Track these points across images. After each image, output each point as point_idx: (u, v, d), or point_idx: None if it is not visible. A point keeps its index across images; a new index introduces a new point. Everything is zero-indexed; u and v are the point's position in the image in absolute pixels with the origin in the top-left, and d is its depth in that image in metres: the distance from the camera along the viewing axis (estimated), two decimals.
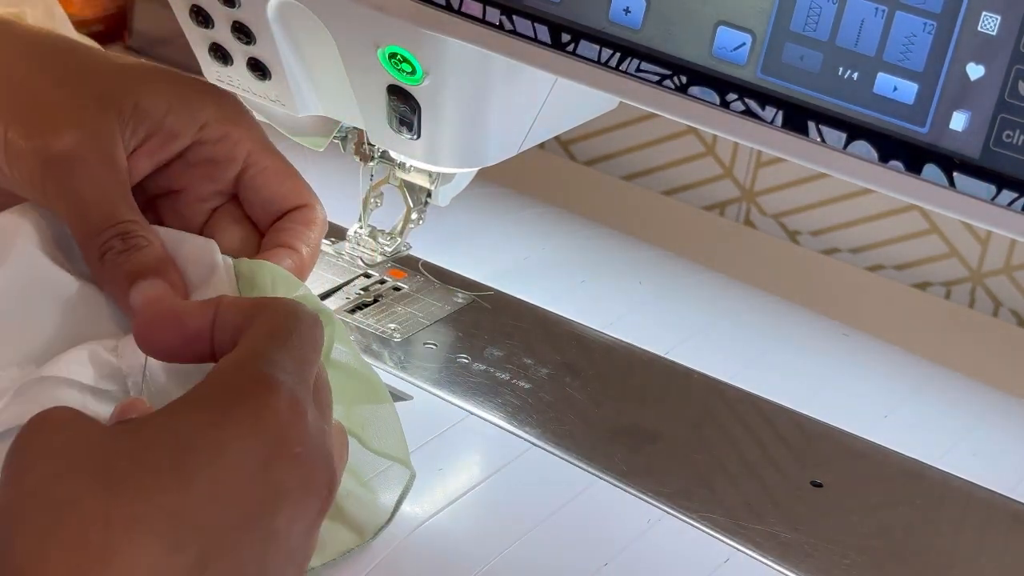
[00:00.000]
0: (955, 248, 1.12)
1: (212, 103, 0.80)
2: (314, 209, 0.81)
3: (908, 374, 0.95)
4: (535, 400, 0.86)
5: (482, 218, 1.05)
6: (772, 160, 1.16)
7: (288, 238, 0.79)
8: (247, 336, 0.65)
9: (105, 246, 0.74)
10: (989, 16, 0.64)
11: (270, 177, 0.81)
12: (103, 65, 0.80)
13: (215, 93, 0.81)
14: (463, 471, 0.82)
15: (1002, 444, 0.90)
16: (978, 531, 0.84)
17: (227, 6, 0.87)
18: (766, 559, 0.78)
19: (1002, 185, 0.65)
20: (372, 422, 0.75)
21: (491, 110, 0.86)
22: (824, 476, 0.84)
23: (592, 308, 0.96)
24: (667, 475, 0.82)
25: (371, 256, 0.97)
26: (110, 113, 0.77)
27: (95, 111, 0.77)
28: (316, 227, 0.81)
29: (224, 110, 0.80)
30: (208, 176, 0.80)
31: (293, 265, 0.78)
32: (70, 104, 0.77)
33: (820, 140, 0.69)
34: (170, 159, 0.80)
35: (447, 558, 0.75)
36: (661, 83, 0.72)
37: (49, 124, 0.76)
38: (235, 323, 0.66)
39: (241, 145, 0.80)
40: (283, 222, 0.80)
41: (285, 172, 0.81)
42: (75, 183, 0.75)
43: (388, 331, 0.91)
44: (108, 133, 0.77)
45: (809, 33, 0.68)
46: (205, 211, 0.81)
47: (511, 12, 0.75)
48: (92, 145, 0.76)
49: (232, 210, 0.81)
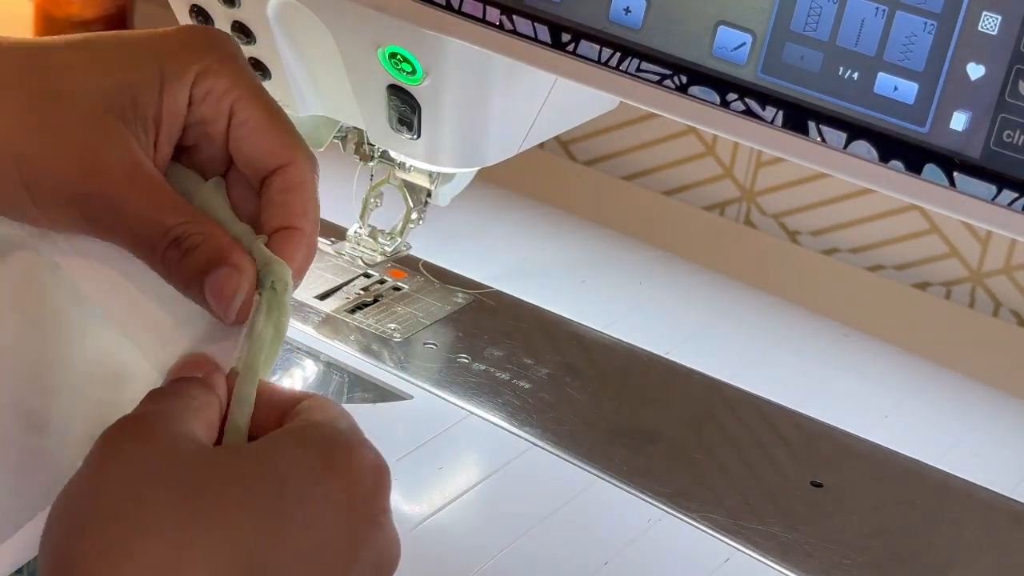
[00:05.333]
0: (955, 248, 1.12)
1: (198, 58, 0.76)
2: (299, 166, 0.76)
3: (908, 374, 0.95)
4: (535, 400, 0.86)
5: (482, 218, 1.05)
6: (772, 160, 1.16)
7: (284, 216, 0.75)
8: (325, 408, 0.68)
9: (166, 259, 0.74)
10: (989, 16, 0.64)
11: (250, 131, 0.76)
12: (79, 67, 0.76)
13: (197, 48, 0.76)
14: (463, 471, 0.82)
15: (1002, 444, 0.90)
16: (978, 531, 0.84)
17: (227, 6, 0.87)
18: (766, 559, 0.78)
19: (1002, 185, 0.65)
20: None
21: (491, 110, 0.86)
22: (824, 476, 0.84)
23: (592, 308, 0.96)
24: (667, 475, 0.82)
25: (371, 256, 0.97)
26: (117, 126, 0.75)
27: (102, 132, 0.75)
28: (307, 188, 0.76)
29: (206, 62, 0.76)
30: (207, 136, 0.77)
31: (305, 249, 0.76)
32: (73, 137, 0.75)
33: (820, 140, 0.69)
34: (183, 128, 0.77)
35: (446, 557, 0.75)
36: (661, 83, 0.72)
37: (65, 168, 0.74)
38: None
39: (225, 99, 0.76)
40: (272, 192, 0.76)
41: (267, 124, 0.76)
42: (117, 219, 0.74)
43: (388, 331, 0.91)
44: (124, 149, 0.75)
45: (809, 33, 0.68)
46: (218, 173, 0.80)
47: (511, 12, 0.75)
48: (116, 175, 0.74)
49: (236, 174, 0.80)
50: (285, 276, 0.74)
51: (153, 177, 0.75)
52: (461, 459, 0.83)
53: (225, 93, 0.76)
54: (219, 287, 0.73)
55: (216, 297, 0.73)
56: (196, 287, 0.73)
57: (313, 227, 0.76)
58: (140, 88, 0.75)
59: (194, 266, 0.74)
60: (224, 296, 0.73)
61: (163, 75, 0.76)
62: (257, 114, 0.76)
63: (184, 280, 0.74)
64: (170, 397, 0.70)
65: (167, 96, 0.76)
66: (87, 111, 0.75)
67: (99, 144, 0.75)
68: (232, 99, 0.76)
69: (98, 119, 0.75)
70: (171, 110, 0.76)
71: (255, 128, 0.76)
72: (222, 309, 0.73)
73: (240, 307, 0.73)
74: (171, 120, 0.76)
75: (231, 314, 0.73)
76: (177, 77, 0.76)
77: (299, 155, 0.76)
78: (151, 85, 0.76)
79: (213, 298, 0.73)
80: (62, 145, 0.75)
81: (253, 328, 0.74)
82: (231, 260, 0.74)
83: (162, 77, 0.76)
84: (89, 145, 0.74)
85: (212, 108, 0.76)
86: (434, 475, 0.80)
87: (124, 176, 0.74)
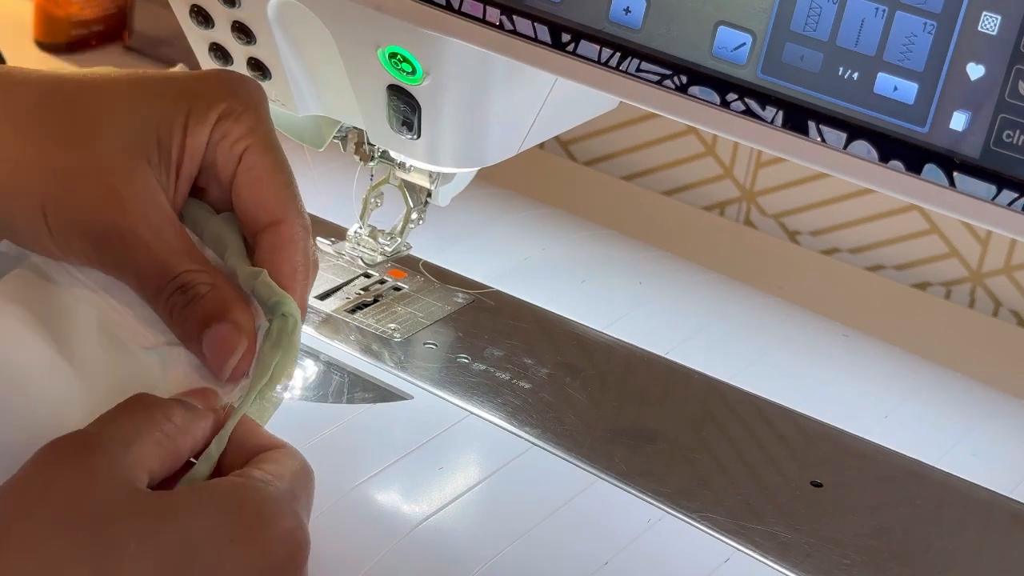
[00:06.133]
0: (955, 248, 1.12)
1: (222, 101, 0.77)
2: (290, 225, 0.76)
3: (908, 374, 0.95)
4: (535, 400, 0.86)
5: (482, 218, 1.05)
6: (772, 160, 1.16)
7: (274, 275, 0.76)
8: (279, 462, 0.70)
9: (169, 304, 0.75)
10: (989, 16, 0.64)
11: (252, 180, 0.77)
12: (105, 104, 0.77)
13: (222, 91, 0.77)
14: (463, 471, 0.82)
15: (1002, 444, 0.90)
16: (978, 531, 0.84)
17: (227, 6, 0.87)
18: (766, 559, 0.78)
19: (1002, 185, 0.65)
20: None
21: (491, 110, 0.86)
22: (824, 476, 0.84)
23: (592, 308, 0.96)
24: (667, 475, 0.82)
25: (371, 256, 0.97)
26: (140, 165, 0.75)
27: (125, 169, 0.75)
28: (296, 248, 0.76)
29: (231, 105, 0.77)
30: (216, 179, 0.78)
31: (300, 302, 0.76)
32: (95, 169, 0.75)
33: (820, 140, 0.69)
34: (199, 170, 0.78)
35: (446, 557, 0.75)
36: (661, 83, 0.72)
37: (84, 202, 0.74)
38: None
39: (239, 144, 0.77)
40: (263, 250, 0.76)
41: (269, 177, 0.77)
42: (129, 255, 0.74)
43: (388, 331, 0.91)
44: (145, 190, 0.75)
45: (809, 33, 0.68)
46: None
47: (511, 12, 0.75)
48: (134, 213, 0.74)
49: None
50: (295, 312, 0.75)
51: (170, 219, 0.76)
52: (461, 459, 0.83)
53: (240, 139, 0.77)
54: (218, 344, 0.74)
55: (215, 352, 0.74)
56: (195, 338, 0.74)
57: (303, 287, 0.76)
58: (165, 128, 0.76)
59: (196, 316, 0.74)
60: (222, 353, 0.74)
61: (188, 116, 0.76)
62: (263, 165, 0.77)
63: (184, 329, 0.75)
64: (133, 419, 0.70)
65: (190, 136, 0.76)
66: (111, 148, 0.75)
67: (120, 181, 0.75)
68: (245, 145, 0.77)
69: (121, 156, 0.75)
70: (192, 150, 0.77)
71: (257, 178, 0.77)
72: (217, 366, 0.74)
73: (236, 366, 0.74)
74: (191, 160, 0.77)
75: (226, 372, 0.74)
76: (200, 118, 0.76)
77: (291, 214, 0.76)
78: (176, 125, 0.76)
79: (211, 351, 0.74)
80: (84, 179, 0.75)
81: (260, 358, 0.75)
82: (232, 316, 0.74)
83: (187, 118, 0.76)
84: (111, 182, 0.75)
85: (225, 152, 0.77)
86: (434, 475, 0.80)
87: (141, 215, 0.75)
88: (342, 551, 0.74)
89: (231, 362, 0.74)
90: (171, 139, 0.76)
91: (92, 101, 0.77)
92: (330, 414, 0.82)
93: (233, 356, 0.74)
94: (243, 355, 0.74)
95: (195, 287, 0.75)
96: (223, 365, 0.74)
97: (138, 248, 0.74)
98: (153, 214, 0.75)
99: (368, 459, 0.80)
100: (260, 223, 0.76)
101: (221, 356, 0.74)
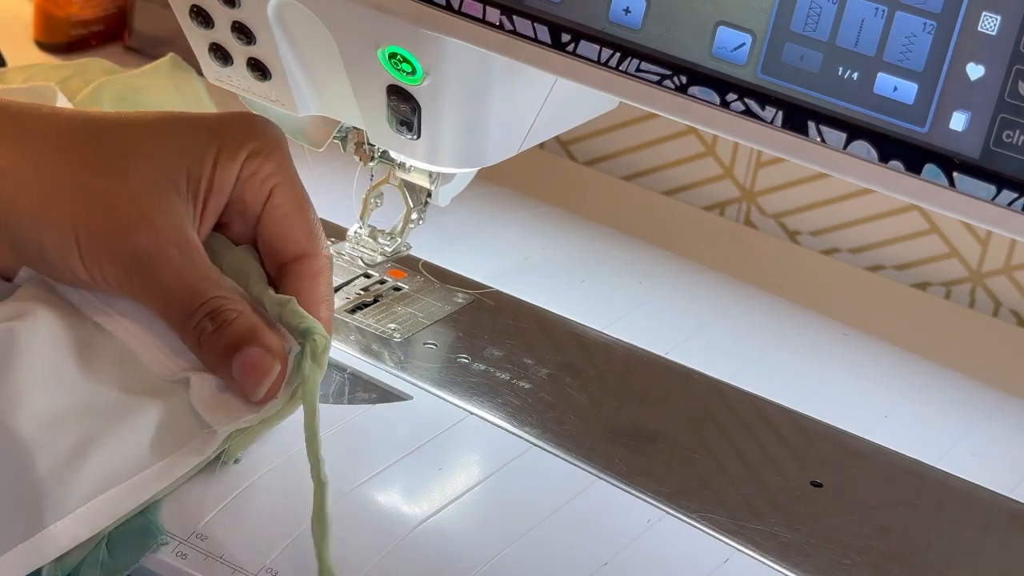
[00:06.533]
0: (955, 248, 1.12)
1: (251, 140, 0.80)
2: (318, 258, 0.81)
3: (908, 374, 0.95)
4: (535, 400, 0.86)
5: (482, 218, 1.05)
6: (772, 160, 1.16)
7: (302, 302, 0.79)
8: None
9: (198, 329, 0.77)
10: (989, 16, 0.64)
11: (282, 216, 0.81)
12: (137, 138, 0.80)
13: (250, 130, 0.81)
14: (463, 471, 0.82)
15: (1002, 444, 0.90)
16: (978, 531, 0.84)
17: (227, 6, 0.87)
18: (766, 559, 0.78)
19: (1002, 185, 0.65)
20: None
21: (491, 110, 0.86)
22: (824, 476, 0.84)
23: (592, 308, 0.96)
24: (667, 475, 0.82)
25: (371, 256, 0.97)
26: (170, 194, 0.78)
27: (156, 197, 0.78)
28: (320, 278, 0.81)
29: (260, 144, 0.81)
30: (240, 214, 0.81)
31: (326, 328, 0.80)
32: (128, 195, 0.78)
33: (820, 140, 0.69)
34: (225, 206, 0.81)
35: (447, 558, 0.75)
36: (661, 83, 0.72)
37: (116, 225, 0.77)
38: None
39: (267, 182, 0.81)
40: (291, 279, 0.80)
41: (298, 213, 0.81)
42: (158, 279, 0.78)
43: (388, 331, 0.91)
44: (174, 218, 0.78)
45: (809, 33, 0.68)
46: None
47: (511, 12, 0.75)
48: (165, 238, 0.77)
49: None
50: (326, 335, 0.78)
51: (198, 248, 0.79)
52: (461, 459, 0.83)
53: (269, 176, 0.81)
54: (251, 366, 0.77)
55: (246, 375, 0.76)
56: (225, 362, 0.77)
57: (328, 315, 0.80)
58: (195, 162, 0.79)
59: (226, 341, 0.77)
60: (255, 375, 0.76)
61: (219, 151, 0.80)
62: (292, 201, 0.81)
63: (214, 354, 0.77)
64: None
65: (219, 171, 0.80)
66: (142, 177, 0.78)
67: (151, 209, 0.78)
68: (274, 183, 0.81)
69: (152, 186, 0.78)
70: (220, 185, 0.80)
71: (286, 214, 0.81)
72: (251, 387, 0.77)
73: (269, 388, 0.76)
74: (219, 194, 0.80)
75: (259, 393, 0.77)
76: (231, 155, 0.80)
77: (320, 248, 0.81)
78: (206, 160, 0.79)
79: (243, 375, 0.76)
80: (116, 205, 0.78)
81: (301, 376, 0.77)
82: (263, 340, 0.77)
83: (217, 153, 0.80)
84: (142, 209, 0.78)
85: (254, 188, 0.81)
86: (434, 475, 0.80)
87: (172, 241, 0.78)
88: (342, 552, 0.74)
89: (265, 384, 0.76)
90: (201, 173, 0.79)
91: (122, 134, 0.80)
92: (330, 414, 0.82)
93: (267, 378, 0.76)
94: (276, 378, 0.76)
95: (224, 312, 0.77)
96: (256, 387, 0.76)
97: (168, 273, 0.77)
98: (182, 241, 0.78)
99: (368, 460, 0.80)
100: (288, 255, 0.81)
101: (253, 378, 0.76)
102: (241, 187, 0.80)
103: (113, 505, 0.73)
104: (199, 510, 0.75)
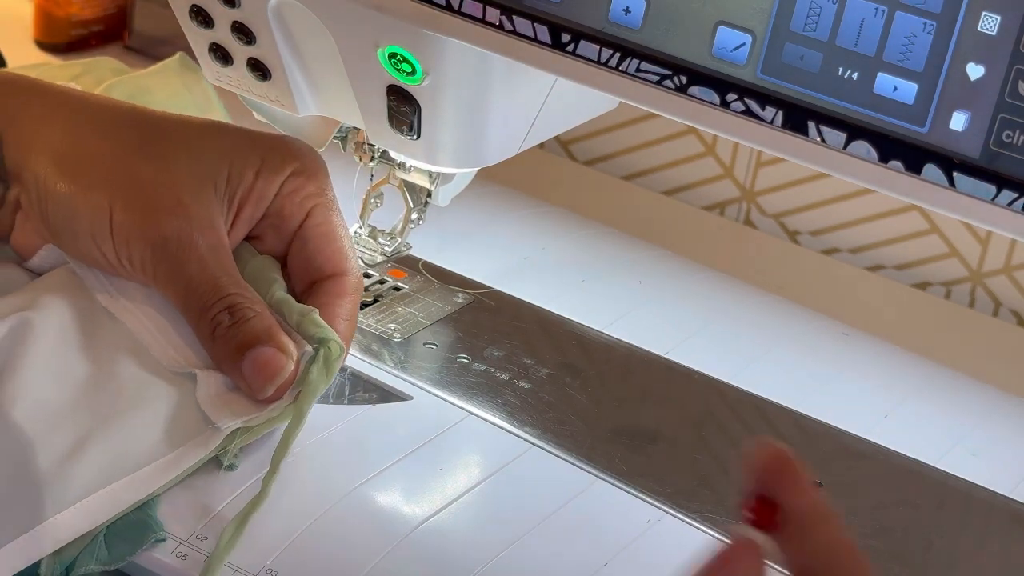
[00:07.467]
0: (955, 248, 1.12)
1: (295, 159, 0.82)
2: (347, 279, 0.82)
3: (908, 374, 0.95)
4: (535, 400, 0.86)
5: (482, 218, 1.05)
6: (772, 160, 1.16)
7: (330, 317, 0.81)
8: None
9: (214, 322, 0.78)
10: (989, 16, 0.64)
11: (321, 235, 0.82)
12: (184, 133, 0.82)
13: (295, 150, 0.83)
14: (463, 471, 0.82)
15: (1002, 444, 0.90)
16: (978, 531, 0.84)
17: (227, 6, 0.87)
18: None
19: (1002, 185, 0.65)
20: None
21: (491, 110, 0.86)
22: (824, 476, 0.84)
23: (592, 308, 0.96)
24: (667, 475, 0.82)
25: (371, 256, 0.97)
26: (207, 189, 0.80)
27: (194, 188, 0.80)
28: (349, 298, 0.82)
29: (304, 164, 0.83)
30: (275, 228, 0.83)
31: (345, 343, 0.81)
32: (168, 182, 0.79)
33: (820, 140, 0.69)
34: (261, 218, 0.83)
35: (446, 558, 0.75)
36: (661, 83, 0.72)
37: (152, 206, 0.79)
38: None
39: (308, 200, 0.82)
40: (321, 294, 0.82)
41: (333, 234, 0.83)
42: (184, 267, 0.79)
43: (388, 331, 0.91)
44: (208, 211, 0.80)
45: (809, 33, 0.68)
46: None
47: (511, 12, 0.75)
48: (197, 227, 0.79)
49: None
50: (341, 344, 0.79)
51: (225, 245, 0.80)
52: (461, 459, 0.83)
53: (309, 196, 0.83)
54: (263, 363, 0.77)
55: (257, 371, 0.77)
56: (236, 357, 0.78)
57: (348, 333, 0.82)
58: (237, 166, 0.81)
59: (241, 337, 0.78)
60: (265, 372, 0.77)
61: (263, 162, 0.81)
62: (331, 222, 0.83)
63: (226, 348, 0.78)
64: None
65: (261, 181, 0.81)
66: (184, 167, 0.80)
67: (189, 197, 0.79)
68: (315, 203, 0.83)
69: (192, 177, 0.80)
70: (259, 195, 0.82)
71: (325, 233, 0.83)
72: (259, 384, 0.77)
73: (277, 388, 0.77)
74: (255, 204, 0.82)
75: (267, 391, 0.77)
76: (275, 168, 0.82)
77: (354, 268, 0.83)
78: (248, 167, 0.81)
79: (253, 371, 0.77)
80: (155, 187, 0.79)
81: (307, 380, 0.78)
82: (277, 341, 0.78)
83: (261, 163, 0.81)
84: (180, 195, 0.79)
85: (294, 205, 0.82)
86: (434, 476, 0.80)
87: (203, 231, 0.79)
88: (342, 552, 0.74)
89: (274, 382, 0.77)
90: (240, 177, 0.81)
91: (170, 128, 0.82)
92: (330, 415, 0.82)
93: (277, 377, 0.77)
94: (286, 378, 0.77)
95: (243, 310, 0.78)
96: (264, 384, 0.77)
97: (193, 261, 0.78)
98: (212, 234, 0.79)
99: (368, 460, 0.80)
100: (320, 274, 0.82)
101: (263, 376, 0.77)
102: (281, 201, 0.82)
103: (114, 498, 0.73)
104: (199, 511, 0.75)
